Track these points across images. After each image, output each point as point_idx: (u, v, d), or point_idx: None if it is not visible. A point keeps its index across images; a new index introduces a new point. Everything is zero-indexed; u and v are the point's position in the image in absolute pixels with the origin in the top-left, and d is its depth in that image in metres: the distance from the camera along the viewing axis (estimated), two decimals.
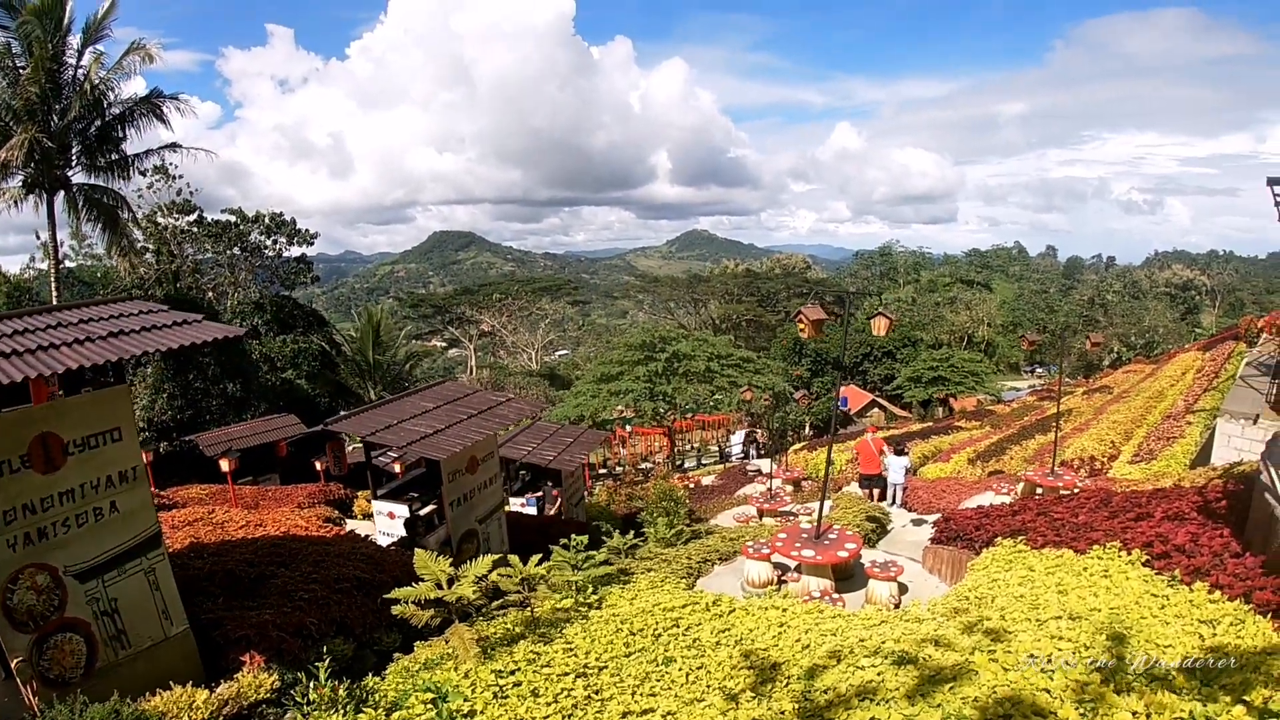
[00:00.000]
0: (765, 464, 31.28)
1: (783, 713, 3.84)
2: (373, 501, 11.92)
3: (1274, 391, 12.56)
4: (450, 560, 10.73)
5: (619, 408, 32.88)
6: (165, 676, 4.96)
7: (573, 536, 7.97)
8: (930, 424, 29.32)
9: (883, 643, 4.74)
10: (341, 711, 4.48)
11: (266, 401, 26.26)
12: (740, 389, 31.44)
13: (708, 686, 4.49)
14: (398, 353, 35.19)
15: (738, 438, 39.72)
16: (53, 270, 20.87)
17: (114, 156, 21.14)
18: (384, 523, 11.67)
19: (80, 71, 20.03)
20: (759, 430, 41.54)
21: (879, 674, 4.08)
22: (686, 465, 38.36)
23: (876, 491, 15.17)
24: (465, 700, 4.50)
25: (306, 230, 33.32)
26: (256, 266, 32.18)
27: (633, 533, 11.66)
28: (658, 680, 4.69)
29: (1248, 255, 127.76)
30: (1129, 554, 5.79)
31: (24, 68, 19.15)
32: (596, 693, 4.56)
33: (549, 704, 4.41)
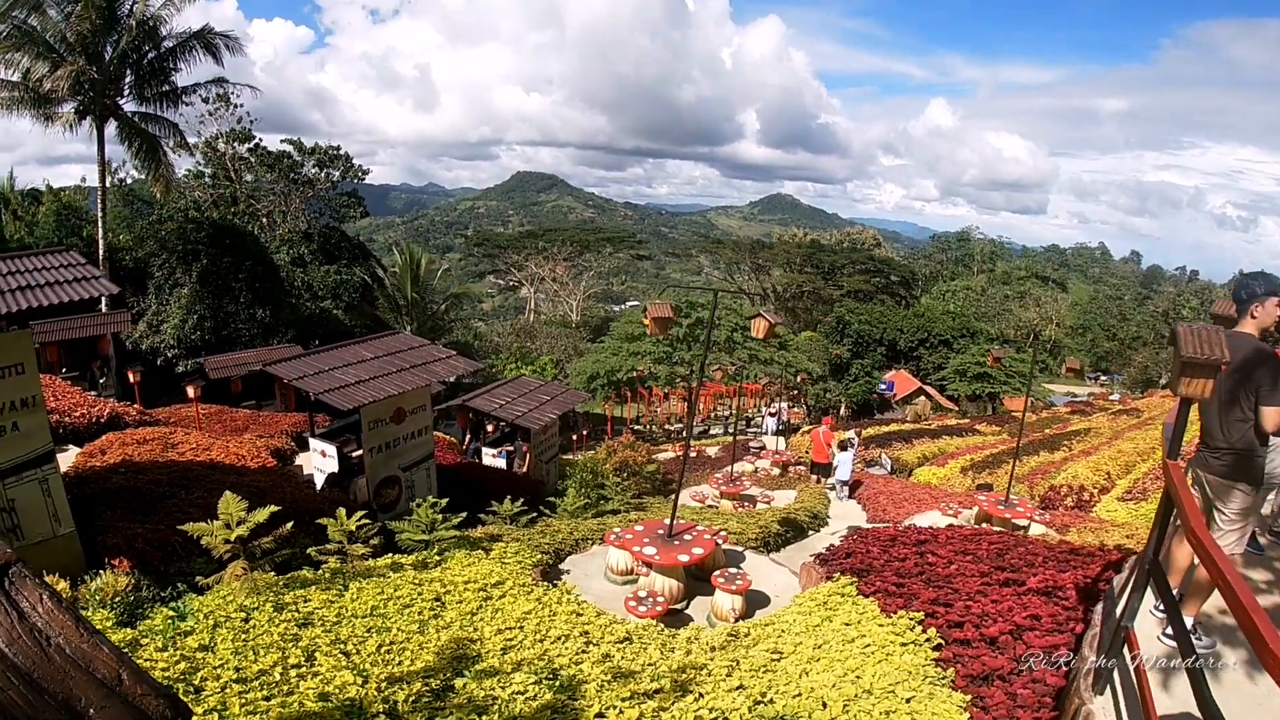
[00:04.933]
0: (780, 441, 30.74)
1: (386, 702, 3.80)
2: (310, 440, 12.33)
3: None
4: (364, 501, 11.09)
5: (640, 367, 32.78)
6: (52, 568, 5.71)
7: (425, 501, 8.02)
8: (948, 424, 28.10)
9: (576, 664, 4.61)
10: (111, 610, 4.89)
11: (298, 329, 27.29)
12: (762, 364, 30.73)
13: (379, 663, 4.46)
14: (435, 293, 35.88)
15: (779, 408, 39.16)
16: (100, 191, 22.28)
17: (164, 88, 22.19)
18: (318, 460, 12.08)
19: (135, 6, 20.92)
20: (785, 406, 40.82)
21: (512, 694, 3.97)
22: (713, 432, 38.12)
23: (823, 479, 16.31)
24: (196, 623, 4.72)
25: (360, 166, 34.17)
26: (309, 197, 33.22)
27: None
28: (355, 644, 4.71)
29: None
30: (925, 632, 5.12)
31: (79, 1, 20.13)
32: (295, 640, 4.64)
33: (243, 639, 4.51)
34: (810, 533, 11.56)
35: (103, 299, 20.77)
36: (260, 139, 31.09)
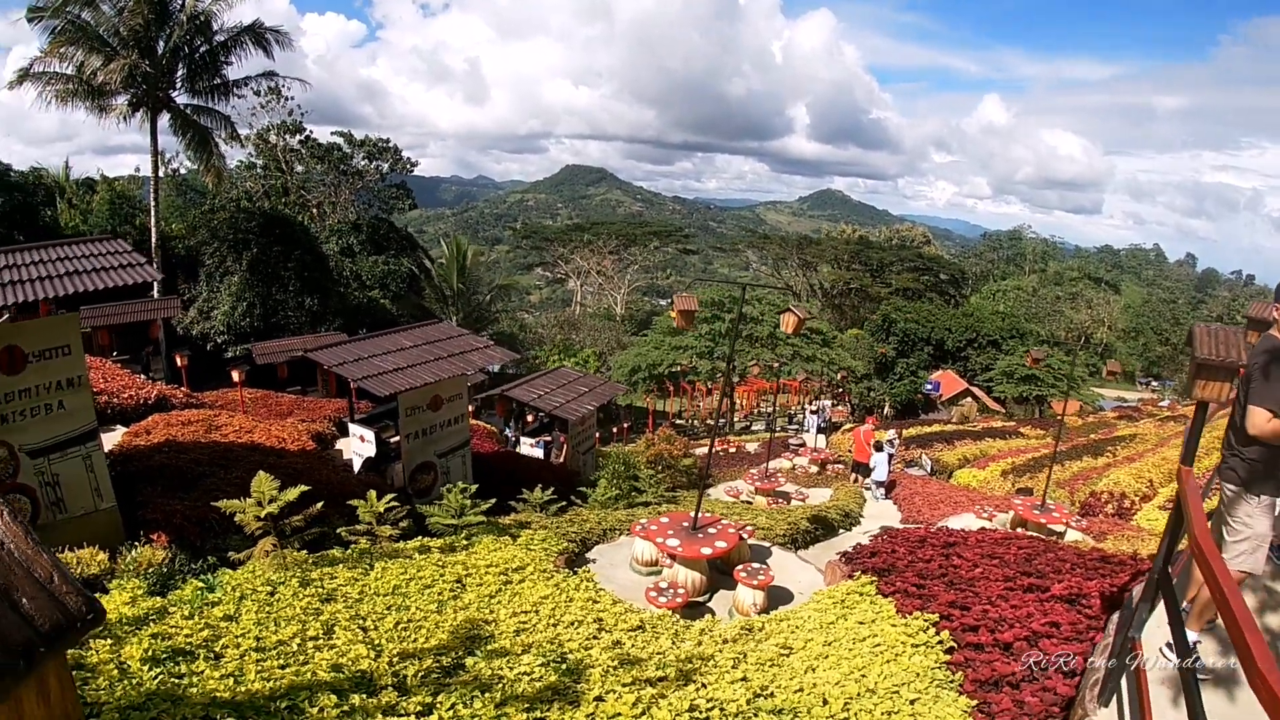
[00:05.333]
0: (822, 439, 30.45)
1: (396, 676, 3.96)
2: (350, 425, 12.69)
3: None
4: (400, 485, 11.35)
5: (682, 362, 32.79)
6: (93, 539, 6.08)
7: (454, 488, 8.20)
8: (993, 426, 27.46)
9: (586, 649, 4.70)
10: (144, 580, 5.17)
11: (346, 318, 27.95)
12: (803, 360, 30.44)
13: (396, 640, 4.61)
14: (480, 284, 36.42)
15: (823, 405, 38.88)
16: (154, 181, 23.12)
17: (215, 81, 22.90)
18: (357, 445, 12.42)
19: (186, 1, 21.62)
20: (829, 404, 40.41)
21: (518, 674, 4.08)
22: (755, 428, 37.97)
23: (863, 478, 16.35)
24: (224, 594, 4.96)
25: (408, 158, 34.82)
26: (358, 188, 34.00)
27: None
28: (374, 621, 4.87)
29: None
30: (938, 634, 5.02)
31: None
32: (317, 614, 4.84)
33: (266, 611, 4.73)
34: (841, 531, 11.46)
35: (155, 285, 21.75)
36: (311, 131, 32.11)
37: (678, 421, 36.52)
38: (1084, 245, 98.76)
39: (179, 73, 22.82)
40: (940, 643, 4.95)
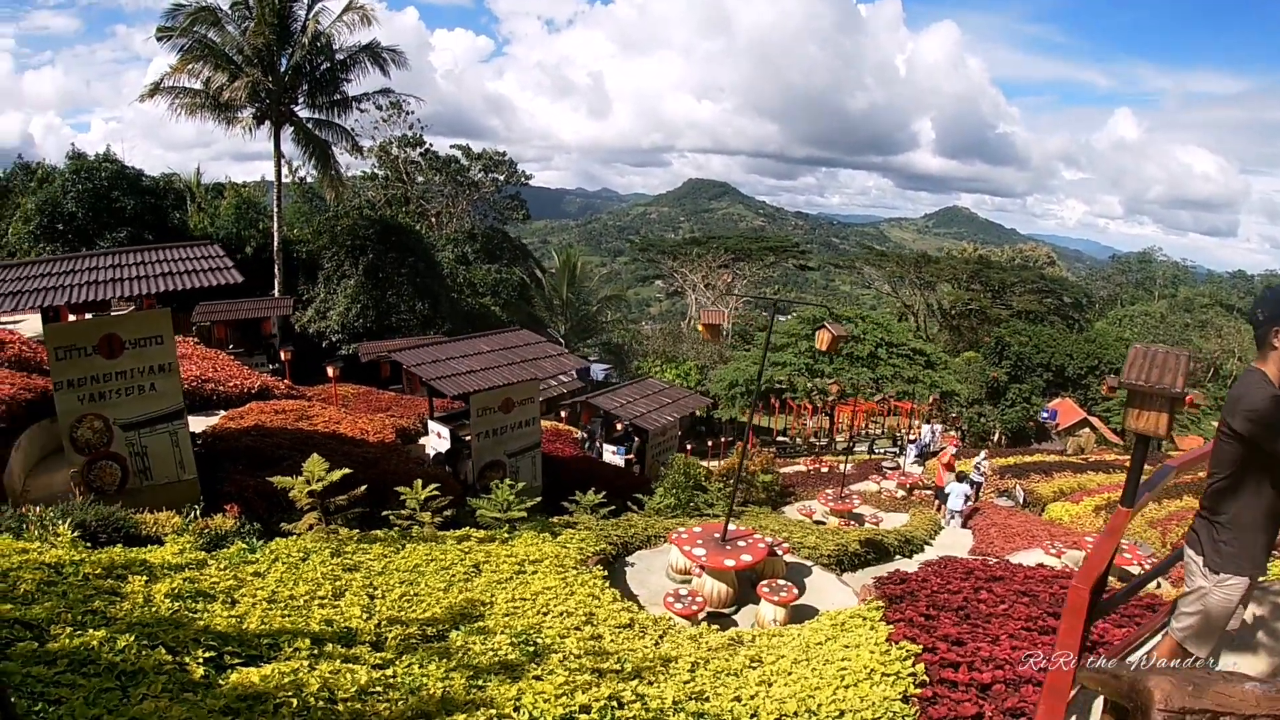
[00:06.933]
0: (919, 466, 29.31)
1: (378, 636, 4.44)
2: (430, 422, 13.62)
3: None
4: (470, 481, 12.09)
5: (781, 378, 32.50)
6: (174, 505, 7.07)
7: (502, 484, 8.76)
8: (1104, 459, 25.50)
9: (561, 637, 5.04)
10: (197, 538, 6.02)
11: (456, 323, 29.51)
12: (906, 382, 29.44)
13: (393, 608, 5.10)
14: (589, 296, 37.49)
15: (927, 429, 37.29)
16: (277, 189, 25.38)
17: (335, 97, 24.86)
18: (434, 440, 13.33)
19: (307, 23, 23.66)
20: (938, 428, 38.68)
21: (484, 649, 4.46)
22: (857, 449, 36.92)
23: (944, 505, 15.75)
24: (262, 556, 5.71)
25: (523, 171, 36.45)
26: (475, 199, 35.92)
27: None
28: (384, 591, 5.42)
29: None
30: (914, 665, 4.80)
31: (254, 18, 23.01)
32: (335, 579, 5.44)
33: (293, 573, 5.39)
34: (898, 557, 11.16)
35: (275, 285, 23.78)
36: (431, 144, 34.24)
37: (780, 439, 36.09)
38: (1216, 270, 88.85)
39: (301, 89, 24.65)
40: (913, 675, 4.73)
